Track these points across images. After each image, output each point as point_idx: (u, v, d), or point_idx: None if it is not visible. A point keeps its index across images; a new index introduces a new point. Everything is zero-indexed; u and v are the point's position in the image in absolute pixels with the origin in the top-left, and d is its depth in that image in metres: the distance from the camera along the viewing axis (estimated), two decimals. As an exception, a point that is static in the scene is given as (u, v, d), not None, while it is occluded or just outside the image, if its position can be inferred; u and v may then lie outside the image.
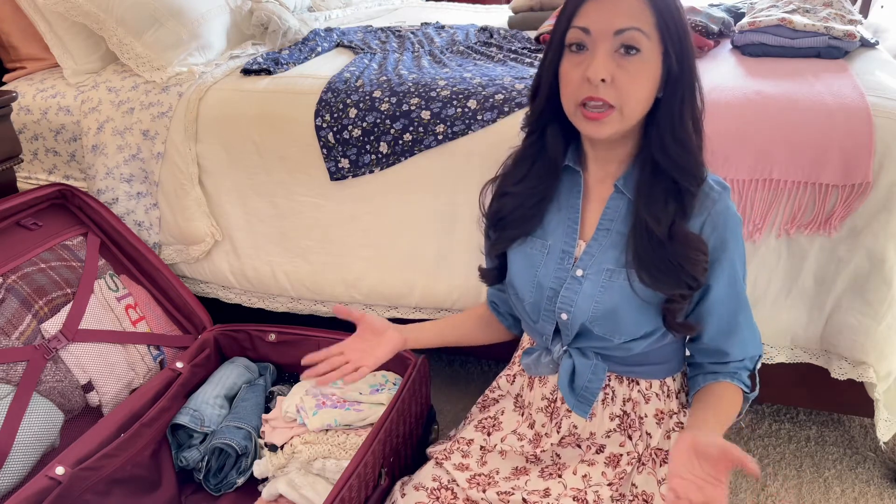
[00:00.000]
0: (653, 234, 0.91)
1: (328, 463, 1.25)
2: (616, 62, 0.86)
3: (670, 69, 0.88)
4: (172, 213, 1.62)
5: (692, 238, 0.91)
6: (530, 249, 1.02)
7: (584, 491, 1.01)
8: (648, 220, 0.91)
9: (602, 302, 0.96)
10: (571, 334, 1.01)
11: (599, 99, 0.86)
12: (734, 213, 0.95)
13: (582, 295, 0.97)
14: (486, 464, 1.07)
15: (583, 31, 0.87)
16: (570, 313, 0.99)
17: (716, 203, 0.92)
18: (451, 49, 1.86)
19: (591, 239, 0.98)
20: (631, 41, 0.85)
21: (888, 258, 1.27)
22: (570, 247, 0.99)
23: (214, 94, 1.58)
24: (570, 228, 1.00)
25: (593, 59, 0.86)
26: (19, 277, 1.34)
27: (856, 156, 1.24)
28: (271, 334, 1.52)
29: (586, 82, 0.87)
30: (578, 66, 0.88)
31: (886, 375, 1.35)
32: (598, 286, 0.96)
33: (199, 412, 1.36)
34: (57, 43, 1.71)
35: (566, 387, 1.03)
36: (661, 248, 0.91)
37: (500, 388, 1.20)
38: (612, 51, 0.86)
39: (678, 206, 0.91)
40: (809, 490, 1.50)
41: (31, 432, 1.20)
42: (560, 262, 0.99)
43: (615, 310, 0.95)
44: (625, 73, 0.86)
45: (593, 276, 0.97)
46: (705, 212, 0.92)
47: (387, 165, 1.47)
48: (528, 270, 1.02)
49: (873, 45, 1.64)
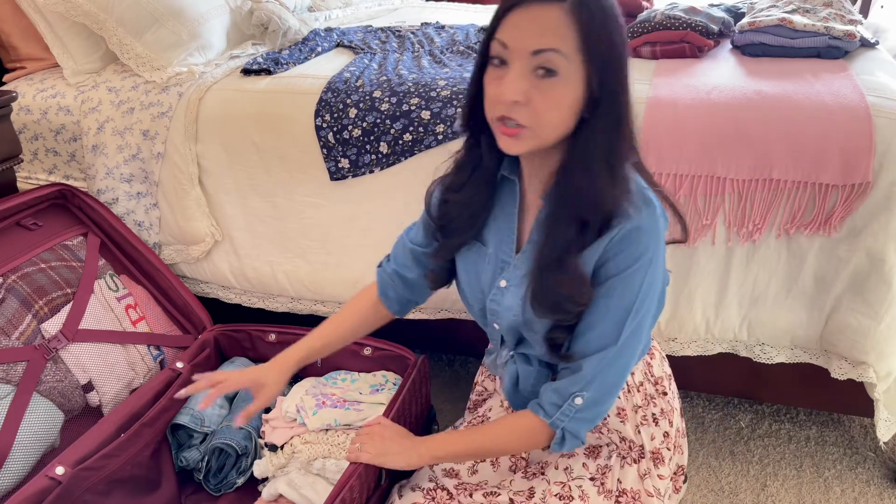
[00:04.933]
0: (542, 257, 0.89)
1: (328, 463, 1.25)
2: (531, 82, 0.81)
3: (591, 92, 0.82)
4: (172, 213, 1.62)
5: (578, 274, 0.87)
6: (476, 256, 1.02)
7: (568, 485, 1.02)
8: (546, 242, 0.89)
9: (519, 314, 0.95)
10: (512, 341, 1.02)
11: (512, 118, 0.82)
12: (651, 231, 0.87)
13: (503, 306, 0.98)
14: (477, 473, 1.09)
15: (501, 45, 0.82)
16: (499, 323, 1.00)
17: (630, 218, 0.86)
18: (451, 49, 1.86)
19: (521, 250, 0.97)
20: (548, 63, 0.79)
21: (888, 258, 1.27)
22: (507, 256, 0.98)
23: (214, 94, 1.58)
24: (508, 238, 0.98)
25: (506, 76, 0.82)
26: (19, 277, 1.34)
27: (856, 156, 1.24)
28: (271, 334, 1.52)
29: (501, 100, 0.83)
30: (498, 80, 0.83)
31: (886, 375, 1.35)
32: (517, 297, 0.95)
33: (199, 412, 1.37)
34: (57, 43, 1.71)
35: (510, 391, 1.05)
36: (547, 274, 0.88)
37: (487, 389, 1.22)
38: (528, 70, 0.81)
39: (576, 235, 0.87)
40: (809, 490, 1.50)
41: (31, 432, 1.20)
42: (498, 271, 0.99)
43: (531, 323, 0.95)
44: (540, 94, 0.81)
45: (514, 287, 0.96)
46: (617, 226, 0.86)
47: (387, 165, 1.47)
48: (473, 277, 1.02)
49: (873, 45, 1.64)
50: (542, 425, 0.96)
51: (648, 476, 1.04)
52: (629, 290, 0.89)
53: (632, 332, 0.91)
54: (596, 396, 0.93)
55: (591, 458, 1.05)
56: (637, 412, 1.06)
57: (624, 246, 0.87)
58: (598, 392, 0.93)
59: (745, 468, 1.56)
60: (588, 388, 0.92)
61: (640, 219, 0.86)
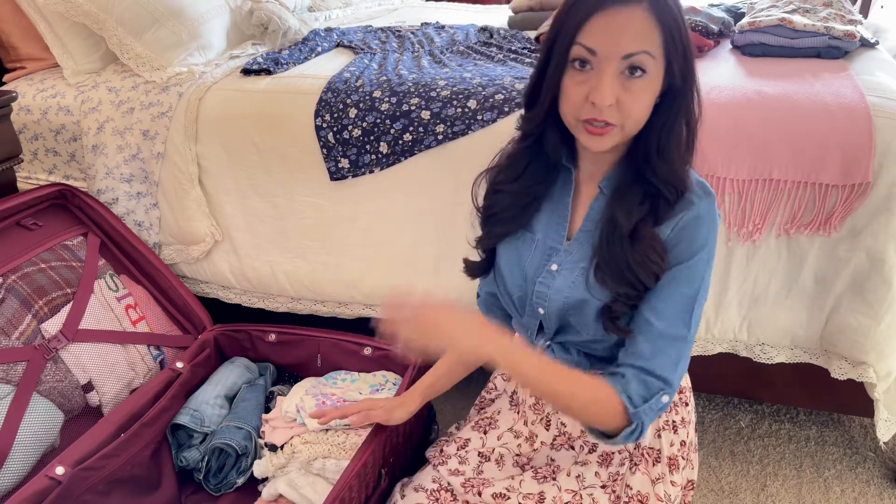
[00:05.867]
0: (616, 228, 0.90)
1: (328, 463, 1.25)
2: (621, 83, 0.84)
3: (672, 83, 0.86)
4: (172, 213, 1.62)
5: (656, 240, 0.89)
6: (520, 243, 1.02)
7: (579, 494, 1.01)
8: (618, 215, 0.90)
9: (571, 297, 0.96)
10: (552, 329, 1.01)
11: (602, 120, 0.85)
12: (710, 221, 0.90)
13: (553, 289, 0.97)
14: (482, 472, 1.08)
15: (588, 51, 0.83)
16: (545, 307, 0.99)
17: (692, 206, 0.89)
18: (451, 49, 1.86)
19: (573, 237, 0.99)
20: (638, 63, 0.82)
21: (888, 258, 1.27)
22: (557, 243, 0.99)
23: (214, 94, 1.58)
24: (559, 225, 0.99)
25: (600, 82, 0.83)
26: (19, 277, 1.34)
27: (856, 156, 1.24)
28: (271, 334, 1.52)
29: (590, 103, 0.84)
30: (582, 84, 0.85)
31: (886, 375, 1.35)
32: (569, 281, 0.96)
33: (199, 412, 1.37)
34: (57, 43, 1.71)
35: None
36: (620, 244, 0.90)
37: (497, 387, 1.21)
38: (617, 73, 0.83)
39: (650, 209, 0.90)
40: (809, 490, 1.50)
41: (31, 432, 1.20)
42: (545, 257, 1.00)
43: (583, 305, 0.95)
44: (629, 94, 0.84)
45: (566, 271, 0.97)
46: (680, 213, 0.90)
47: (387, 165, 1.47)
48: (516, 264, 1.02)
49: (873, 45, 1.64)
50: (622, 410, 0.91)
51: (661, 481, 1.03)
52: (694, 280, 0.90)
53: (696, 323, 0.92)
54: (672, 394, 0.93)
55: (603, 467, 1.04)
56: (660, 417, 1.05)
57: (687, 234, 0.89)
58: (674, 390, 0.93)
59: (745, 468, 1.56)
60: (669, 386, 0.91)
61: (701, 207, 0.89)
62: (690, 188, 0.90)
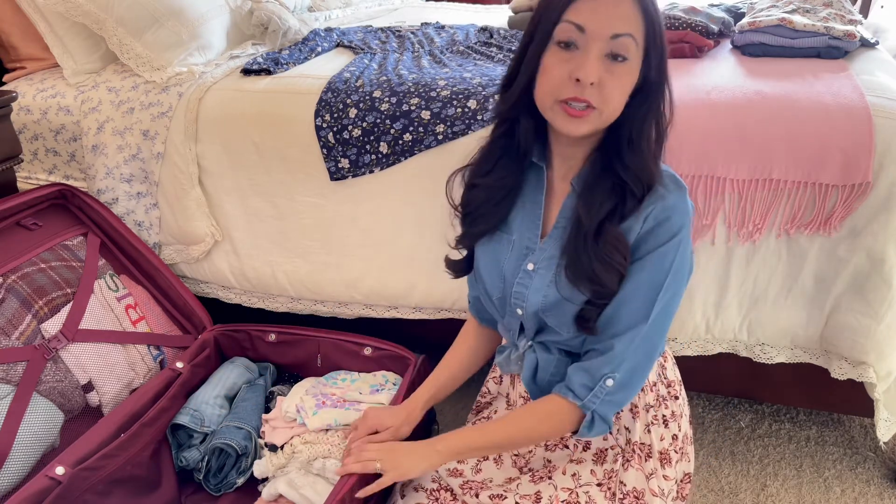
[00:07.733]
0: (581, 227, 0.91)
1: (328, 463, 1.25)
2: (605, 66, 0.85)
3: (647, 76, 0.88)
4: (172, 213, 1.62)
5: (619, 240, 0.90)
6: (496, 244, 1.03)
7: (576, 492, 1.01)
8: (581, 212, 0.91)
9: (549, 295, 0.96)
10: (532, 329, 1.02)
11: (584, 100, 0.85)
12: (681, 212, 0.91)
13: (531, 289, 0.98)
14: (481, 472, 1.08)
15: (577, 29, 0.84)
16: (524, 308, 1.00)
17: (663, 198, 0.90)
18: (451, 49, 1.86)
19: (547, 235, 0.99)
20: (622, 48, 0.84)
21: (888, 258, 1.27)
22: (532, 243, 1.00)
23: (214, 94, 1.58)
24: (533, 224, 1.00)
25: (586, 60, 0.84)
26: (19, 277, 1.34)
27: (856, 156, 1.24)
28: (271, 334, 1.52)
29: (572, 82, 0.85)
30: (565, 62, 0.86)
31: (886, 375, 1.35)
32: (546, 280, 0.97)
33: (199, 412, 1.36)
34: (57, 43, 1.71)
35: (529, 381, 1.05)
36: (584, 242, 0.91)
37: (490, 391, 1.22)
38: (602, 53, 0.85)
39: (615, 206, 0.91)
40: (809, 490, 1.50)
41: (31, 432, 1.20)
42: (521, 257, 1.00)
43: (561, 304, 0.96)
44: (612, 77, 0.85)
45: (543, 269, 0.97)
46: (650, 206, 0.91)
47: (387, 165, 1.47)
48: (493, 265, 1.03)
49: (873, 45, 1.64)
50: (570, 408, 0.96)
51: (654, 476, 1.04)
52: (660, 268, 0.91)
53: (661, 311, 0.93)
54: (626, 378, 0.94)
55: (598, 464, 1.04)
56: (648, 412, 1.06)
57: (657, 224, 0.90)
58: (628, 373, 0.94)
59: (745, 468, 1.56)
60: (619, 369, 0.93)
61: (672, 198, 0.90)
62: (660, 182, 0.91)
